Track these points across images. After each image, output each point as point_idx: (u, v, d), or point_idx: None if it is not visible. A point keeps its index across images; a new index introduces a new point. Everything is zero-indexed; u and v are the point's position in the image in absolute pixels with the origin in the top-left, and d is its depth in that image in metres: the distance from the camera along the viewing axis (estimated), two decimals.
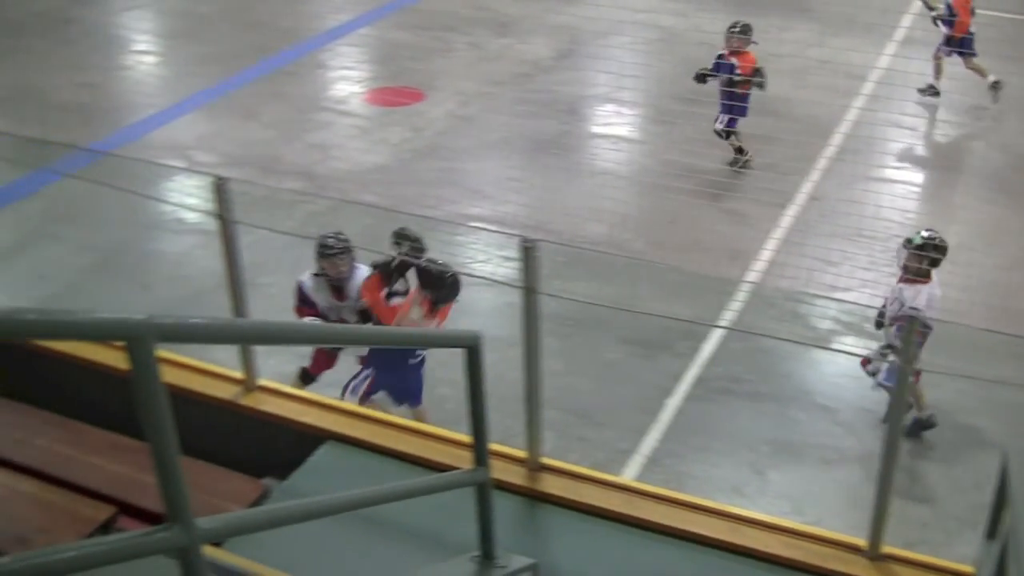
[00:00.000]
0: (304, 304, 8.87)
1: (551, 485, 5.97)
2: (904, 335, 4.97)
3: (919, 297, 8.69)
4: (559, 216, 10.13)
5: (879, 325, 9.09)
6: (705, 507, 5.82)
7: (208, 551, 2.97)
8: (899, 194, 12.43)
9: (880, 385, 8.93)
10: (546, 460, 6.10)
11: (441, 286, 8.31)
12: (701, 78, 13.33)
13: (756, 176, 11.31)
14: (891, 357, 8.59)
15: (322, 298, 8.85)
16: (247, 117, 15.15)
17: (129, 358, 2.72)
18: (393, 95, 15.77)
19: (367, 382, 8.77)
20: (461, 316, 10.39)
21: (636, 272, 7.58)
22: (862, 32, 15.16)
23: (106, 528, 5.23)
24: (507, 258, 8.85)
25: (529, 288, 5.55)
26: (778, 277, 10.19)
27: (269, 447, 6.55)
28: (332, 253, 8.67)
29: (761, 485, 8.75)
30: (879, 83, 15.42)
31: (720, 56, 13.30)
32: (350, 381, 8.80)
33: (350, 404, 7.31)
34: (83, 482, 5.78)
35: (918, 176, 14.02)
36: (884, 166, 13.71)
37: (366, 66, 17.83)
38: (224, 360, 6.96)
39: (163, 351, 2.79)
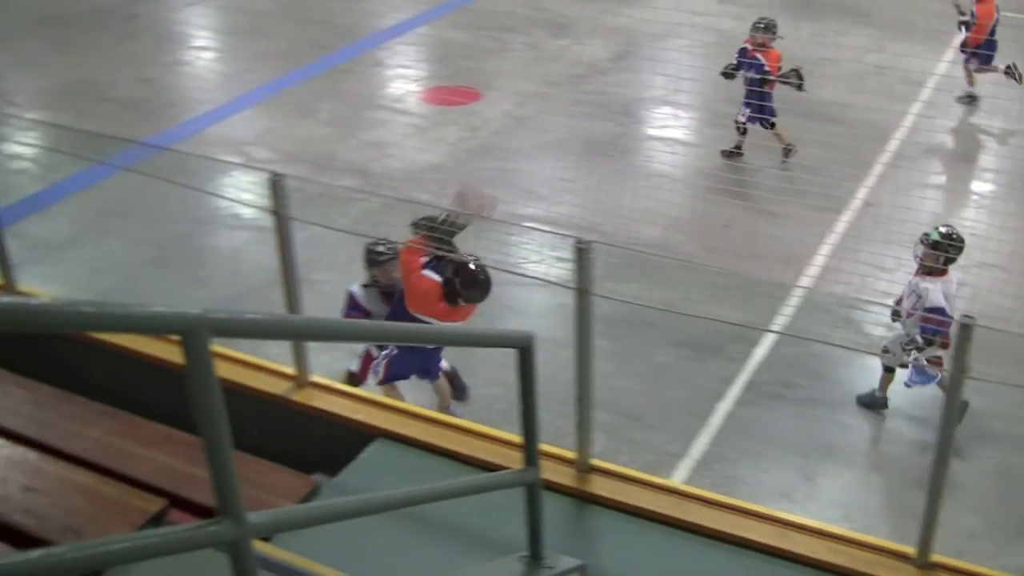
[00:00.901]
0: (355, 311, 8.89)
1: (600, 487, 5.96)
2: (958, 344, 4.93)
3: (935, 294, 8.83)
4: (612, 218, 10.11)
5: (895, 316, 9.19)
6: (753, 512, 5.80)
7: (256, 545, 2.98)
8: (956, 202, 12.34)
9: (910, 384, 9.09)
10: (596, 462, 6.09)
11: (472, 285, 8.28)
12: (728, 75, 13.53)
13: (811, 181, 11.24)
14: (914, 354, 8.84)
15: (373, 305, 8.87)
16: (304, 114, 15.22)
17: (184, 352, 2.75)
18: (450, 94, 15.80)
19: (385, 361, 8.79)
20: (513, 316, 10.41)
21: (689, 275, 7.54)
22: (921, 38, 15.05)
23: (157, 520, 5.26)
24: (560, 259, 8.84)
25: (582, 289, 5.54)
26: (831, 282, 10.14)
27: (320, 443, 6.58)
28: (384, 260, 8.70)
29: (810, 490, 8.71)
30: (937, 89, 15.31)
31: (744, 51, 13.46)
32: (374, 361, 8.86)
33: (401, 402, 7.31)
34: (135, 474, 5.81)
35: (974, 183, 13.90)
36: (940, 173, 13.61)
37: (423, 65, 17.87)
38: (276, 356, 6.99)
39: (216, 346, 2.81)
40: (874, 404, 9.50)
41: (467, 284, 8.24)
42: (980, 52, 15.09)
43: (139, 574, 4.56)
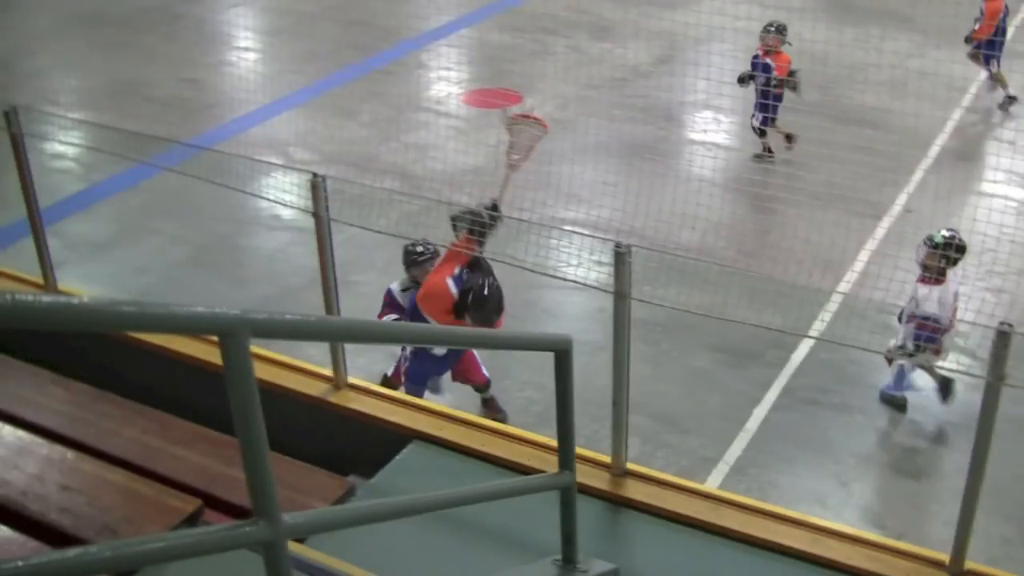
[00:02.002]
0: (392, 308, 8.90)
1: (635, 491, 5.96)
2: (994, 352, 4.89)
3: (929, 301, 9.02)
4: (652, 222, 10.08)
5: (900, 319, 9.33)
6: (788, 517, 5.78)
7: (290, 546, 2.99)
8: (996, 208, 12.24)
9: (885, 392, 9.45)
10: (631, 466, 6.09)
11: (479, 308, 8.25)
12: (743, 80, 13.78)
13: (851, 187, 11.18)
14: (900, 360, 9.08)
15: (410, 305, 8.83)
16: (345, 115, 15.26)
17: (223, 352, 2.76)
18: (491, 97, 15.80)
19: (405, 367, 8.82)
20: (551, 320, 10.42)
21: (727, 280, 7.51)
22: (964, 44, 14.97)
23: (192, 520, 5.28)
24: (599, 262, 8.82)
25: (620, 293, 5.54)
26: (870, 288, 10.06)
27: (356, 445, 6.59)
28: (424, 259, 8.70)
29: (845, 497, 8.67)
30: (979, 96, 15.22)
31: (756, 56, 13.74)
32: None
33: (438, 405, 7.31)
34: (170, 474, 5.84)
35: (1015, 191, 13.79)
36: (980, 179, 13.52)
37: (465, 67, 17.89)
38: (311, 357, 7.02)
39: (254, 346, 2.82)
40: (947, 386, 9.46)
41: (476, 305, 8.21)
42: (993, 47, 15.33)
43: (172, 573, 4.59)
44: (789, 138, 13.73)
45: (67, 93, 15.97)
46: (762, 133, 13.95)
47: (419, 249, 8.77)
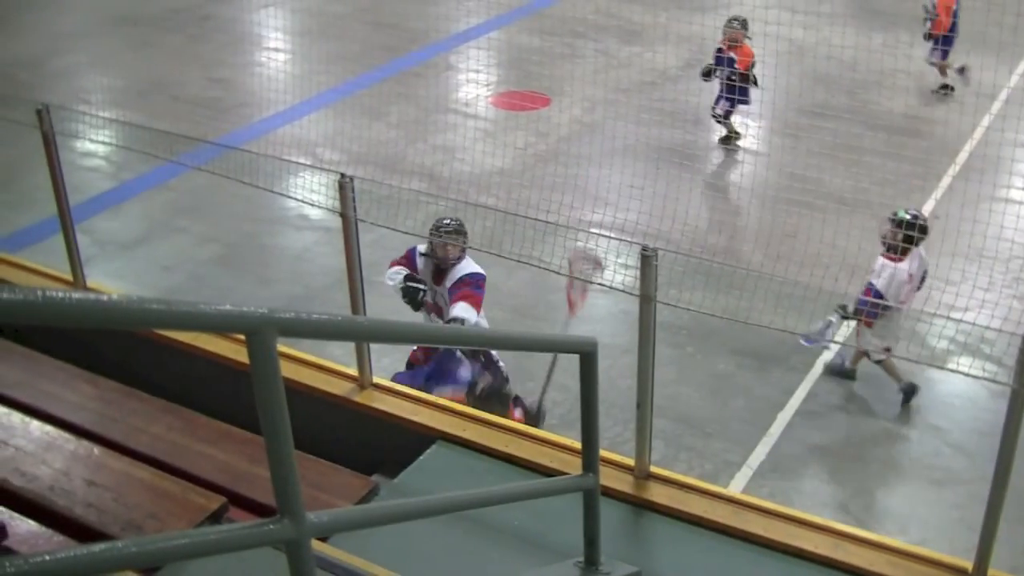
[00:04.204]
0: (408, 264, 8.82)
1: (658, 494, 5.96)
2: (1020, 359, 4.87)
3: (883, 274, 9.37)
4: (679, 225, 10.08)
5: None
6: (810, 522, 5.77)
7: (313, 544, 3.01)
8: None
9: (803, 340, 9.50)
10: (654, 469, 6.09)
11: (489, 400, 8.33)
12: (707, 75, 14.44)
13: (879, 192, 11.14)
14: (833, 317, 9.32)
15: (425, 274, 8.80)
16: (373, 116, 15.29)
17: (249, 351, 2.77)
18: (519, 99, 15.82)
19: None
20: (576, 322, 10.39)
21: (753, 284, 7.51)
22: (992, 50, 14.90)
23: (216, 518, 5.31)
24: (625, 265, 8.82)
25: (646, 296, 5.54)
26: None
27: (380, 445, 6.61)
28: (448, 231, 8.61)
29: (867, 502, 8.66)
30: (1008, 102, 15.15)
31: (720, 50, 14.33)
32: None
33: (462, 405, 7.32)
34: (196, 471, 5.88)
35: None
36: (1010, 186, 13.47)
37: (494, 70, 17.90)
38: (339, 358, 7.04)
39: (280, 345, 2.83)
40: (911, 391, 9.68)
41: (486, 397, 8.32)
42: (946, 42, 15.70)
43: (197, 570, 4.62)
44: (736, 133, 14.62)
45: (98, 92, 16.05)
46: (726, 116, 14.62)
47: (445, 221, 8.71)
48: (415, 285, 8.54)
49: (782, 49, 13.86)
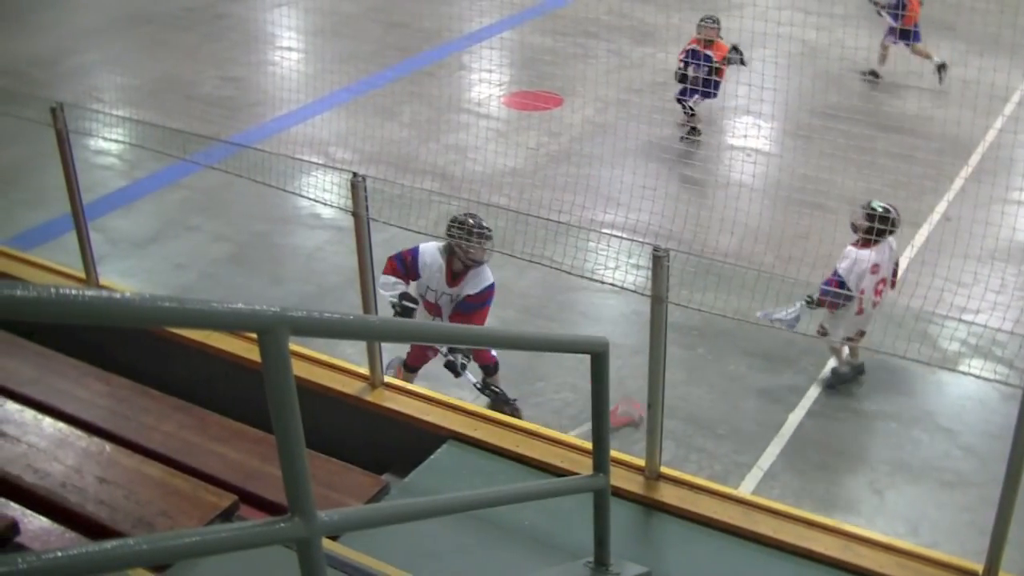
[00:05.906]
0: (404, 267, 8.63)
1: (668, 495, 5.96)
2: None
3: (845, 260, 9.41)
4: (690, 226, 10.07)
5: None
6: (820, 524, 5.78)
7: (324, 543, 3.01)
8: None
9: (760, 316, 9.20)
10: (664, 469, 6.10)
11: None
12: (682, 77, 14.59)
13: (891, 194, 11.13)
14: (800, 302, 9.34)
15: (432, 276, 8.62)
16: (386, 116, 15.29)
17: (261, 350, 2.78)
18: (532, 99, 15.81)
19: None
20: (587, 322, 10.43)
21: (764, 285, 7.50)
22: (1007, 52, 14.87)
23: (227, 516, 5.32)
24: (636, 266, 8.83)
25: (658, 297, 5.55)
26: (907, 296, 10.04)
27: (391, 444, 6.63)
28: (478, 232, 8.50)
29: (878, 504, 8.64)
30: (1021, 104, 15.12)
31: (695, 49, 14.49)
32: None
33: (473, 405, 7.33)
34: (207, 469, 5.89)
35: None
36: (1022, 189, 13.44)
37: (506, 70, 17.89)
38: (351, 357, 7.05)
39: (292, 344, 2.84)
40: (842, 378, 9.85)
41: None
42: (915, 34, 15.94)
43: (207, 568, 4.63)
44: (693, 132, 14.78)
45: (111, 90, 16.07)
46: (692, 115, 14.71)
47: (485, 226, 8.57)
48: (410, 305, 8.50)
49: (795, 50, 13.86)
